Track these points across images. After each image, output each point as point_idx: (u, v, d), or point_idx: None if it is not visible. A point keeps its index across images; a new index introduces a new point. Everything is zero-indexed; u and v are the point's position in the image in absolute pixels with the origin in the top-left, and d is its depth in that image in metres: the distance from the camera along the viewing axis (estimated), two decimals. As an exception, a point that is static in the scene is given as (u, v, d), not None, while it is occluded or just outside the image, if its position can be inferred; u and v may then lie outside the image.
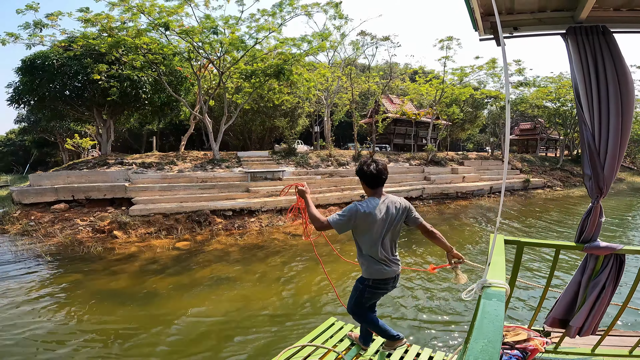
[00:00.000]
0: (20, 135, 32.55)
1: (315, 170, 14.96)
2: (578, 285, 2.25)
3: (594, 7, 2.03)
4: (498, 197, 17.15)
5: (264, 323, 4.61)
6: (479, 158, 23.06)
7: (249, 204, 11.18)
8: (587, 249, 2.16)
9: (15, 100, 13.40)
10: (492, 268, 1.71)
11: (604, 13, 2.15)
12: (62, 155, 28.52)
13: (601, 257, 2.16)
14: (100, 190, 10.90)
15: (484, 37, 2.37)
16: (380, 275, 2.52)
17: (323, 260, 6.05)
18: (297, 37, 13.98)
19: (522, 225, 11.09)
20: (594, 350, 2.44)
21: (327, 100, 20.99)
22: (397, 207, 2.52)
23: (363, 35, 21.86)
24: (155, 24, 10.91)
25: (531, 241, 2.45)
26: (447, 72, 21.03)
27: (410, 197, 14.73)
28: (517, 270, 2.38)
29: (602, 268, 2.16)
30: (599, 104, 1.96)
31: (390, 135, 28.64)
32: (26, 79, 12.69)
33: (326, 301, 5.22)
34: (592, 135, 2.00)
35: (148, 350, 4.00)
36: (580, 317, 2.20)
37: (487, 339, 1.10)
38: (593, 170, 2.03)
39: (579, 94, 2.03)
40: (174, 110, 16.37)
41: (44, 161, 32.62)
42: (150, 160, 13.28)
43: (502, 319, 1.24)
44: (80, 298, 5.36)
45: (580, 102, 2.03)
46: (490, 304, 1.38)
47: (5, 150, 37.03)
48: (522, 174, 22.58)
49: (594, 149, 2.00)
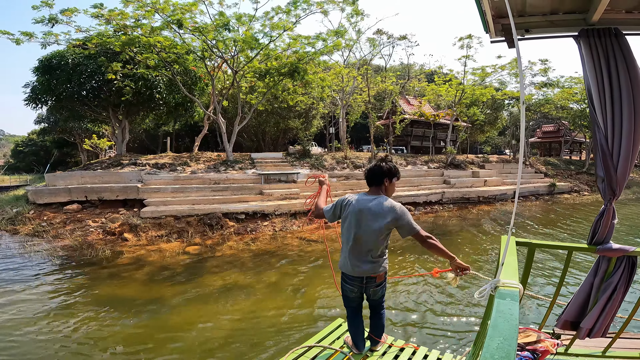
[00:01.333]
0: (41, 135, 33.30)
1: (330, 172, 14.51)
2: (590, 287, 2.24)
3: (606, 9, 2.03)
4: (522, 202, 16.31)
5: (274, 336, 4.19)
6: (500, 161, 22.16)
7: (262, 207, 10.82)
8: (600, 251, 2.16)
9: (33, 100, 13.47)
10: (505, 268, 1.71)
11: (616, 15, 2.12)
12: (81, 155, 29.02)
13: (614, 259, 2.15)
14: (112, 191, 10.75)
15: (495, 39, 2.38)
16: (346, 270, 2.55)
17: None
18: (311, 35, 13.60)
19: (550, 230, 10.34)
20: (605, 352, 2.43)
21: (343, 101, 20.52)
22: (380, 213, 2.40)
23: (379, 33, 21.32)
24: (169, 21, 10.70)
25: (543, 243, 2.45)
26: (467, 71, 20.27)
27: (429, 202, 14.10)
28: (528, 271, 2.38)
29: (614, 270, 2.15)
30: (611, 106, 1.96)
31: (407, 137, 27.90)
32: (43, 78, 12.74)
33: (342, 314, 4.75)
34: (605, 137, 2.00)
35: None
36: (591, 318, 2.19)
37: (502, 337, 1.10)
38: (606, 172, 2.03)
39: (591, 96, 2.03)
40: (188, 110, 16.24)
41: (64, 161, 33.30)
42: (164, 161, 13.11)
43: (516, 318, 1.23)
44: (80, 306, 5.06)
45: (593, 104, 2.02)
46: (504, 303, 1.37)
47: (27, 151, 38.06)
48: (547, 178, 21.58)
49: (607, 151, 2.00)
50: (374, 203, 2.44)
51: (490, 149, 47.54)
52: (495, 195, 16.16)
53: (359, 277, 2.52)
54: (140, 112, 16.17)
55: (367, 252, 2.46)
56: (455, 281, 2.50)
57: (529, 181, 20.10)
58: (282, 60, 13.76)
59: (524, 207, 15.02)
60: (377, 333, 2.82)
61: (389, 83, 20.21)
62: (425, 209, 13.49)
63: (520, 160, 1.52)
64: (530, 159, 25.04)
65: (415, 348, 2.98)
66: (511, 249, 2.04)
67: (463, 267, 2.44)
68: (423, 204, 13.90)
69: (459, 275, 2.47)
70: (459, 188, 15.68)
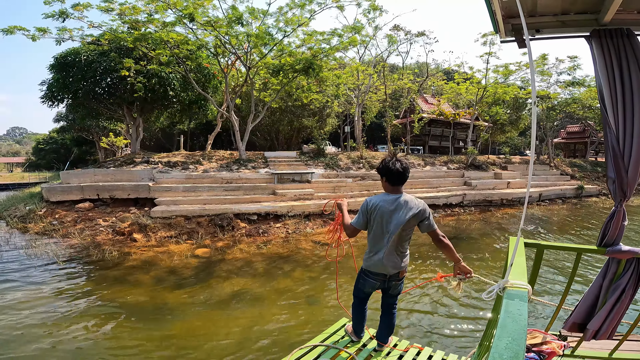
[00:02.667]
0: (61, 133, 33.99)
1: (346, 172, 14.01)
2: (599, 289, 2.23)
3: (619, 10, 2.01)
4: (549, 205, 15.41)
5: (286, 349, 3.75)
6: (523, 162, 21.16)
7: (275, 208, 10.42)
8: (609, 253, 2.15)
9: (49, 98, 13.49)
10: (514, 269, 1.72)
11: (628, 16, 2.10)
12: (99, 153, 29.43)
13: (623, 261, 2.13)
14: (124, 189, 10.56)
15: (505, 39, 2.37)
16: (373, 268, 2.59)
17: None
18: (327, 31, 13.12)
19: (585, 232, 9.56)
20: (612, 354, 2.42)
21: (358, 99, 19.97)
22: (410, 208, 2.49)
23: (396, 30, 20.67)
24: (181, 15, 10.44)
25: (551, 244, 2.46)
26: (490, 69, 19.38)
27: (450, 204, 13.43)
28: (536, 273, 2.37)
29: (623, 272, 2.14)
30: (623, 107, 1.95)
31: (425, 137, 27.03)
32: (58, 76, 12.71)
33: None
34: (617, 138, 1.98)
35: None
36: (598, 320, 2.18)
37: (511, 337, 1.08)
38: (617, 173, 2.02)
39: (603, 96, 2.01)
40: (202, 108, 16.03)
41: (83, 159, 33.92)
42: (176, 159, 12.90)
43: (525, 318, 1.22)
44: (80, 313, 4.75)
45: (604, 105, 2.01)
46: (513, 304, 1.35)
47: (48, 148, 39.00)
48: (574, 180, 20.47)
49: (618, 152, 1.99)
50: (403, 199, 2.51)
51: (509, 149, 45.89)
52: (520, 197, 15.32)
53: (386, 274, 2.58)
54: (155, 110, 16.06)
55: (397, 248, 2.55)
56: (458, 287, 2.51)
57: (555, 183, 19.07)
58: (297, 56, 13.36)
59: (551, 211, 14.17)
60: (387, 333, 2.86)
61: (406, 80, 19.52)
62: (446, 212, 12.84)
63: (532, 161, 1.48)
64: (555, 160, 23.89)
65: (419, 349, 2.97)
66: (520, 250, 2.03)
67: (466, 271, 2.46)
68: (443, 206, 13.25)
69: (463, 279, 2.48)
70: (480, 190, 14.92)
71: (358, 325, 2.90)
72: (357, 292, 2.81)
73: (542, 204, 15.70)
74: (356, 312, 2.87)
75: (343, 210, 2.81)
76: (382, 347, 2.86)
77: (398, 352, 2.86)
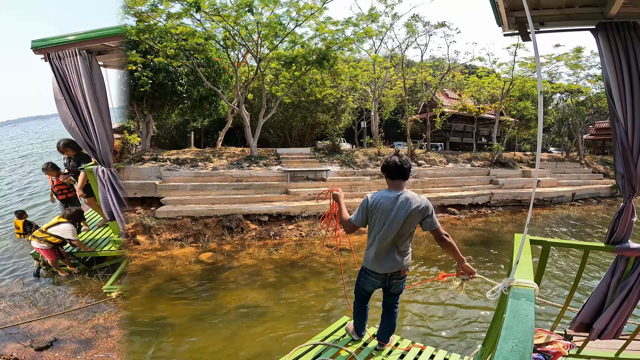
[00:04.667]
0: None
1: (363, 170, 13.19)
2: (607, 288, 2.17)
3: (625, 3, 1.97)
4: (584, 206, 14.20)
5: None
6: (552, 159, 19.86)
7: (288, 209, 9.73)
8: (618, 250, 2.11)
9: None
10: (520, 267, 1.64)
11: (635, 9, 2.05)
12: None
13: (632, 259, 2.08)
14: (130, 187, 10.06)
15: (508, 32, 2.37)
16: (372, 267, 2.54)
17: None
18: (340, 20, 12.28)
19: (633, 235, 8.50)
20: (618, 354, 2.36)
21: (375, 94, 19.06)
22: (411, 205, 2.41)
23: (415, 20, 19.60)
24: (186, 6, 9.86)
25: (558, 241, 2.44)
26: (517, 61, 18.12)
27: (476, 204, 12.45)
28: (542, 271, 2.33)
29: (631, 270, 2.07)
30: (631, 100, 1.91)
31: (446, 133, 25.79)
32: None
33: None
34: (625, 132, 1.94)
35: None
36: (604, 319, 2.13)
37: (517, 339, 1.03)
38: (626, 168, 1.97)
39: (610, 90, 1.96)
40: (213, 104, 15.51)
41: (97, 157, 34.15)
42: (185, 156, 12.39)
43: (532, 319, 1.16)
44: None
45: (612, 99, 1.97)
46: (519, 304, 1.30)
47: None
48: (607, 179, 19.03)
49: (627, 146, 1.94)
50: (404, 196, 2.45)
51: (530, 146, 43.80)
52: (552, 197, 14.17)
53: (385, 273, 2.53)
54: (165, 107, 15.63)
55: (398, 246, 2.48)
56: (460, 288, 2.45)
57: (587, 182, 17.75)
58: (310, 47, 12.61)
59: (586, 212, 13.00)
60: (388, 332, 2.82)
61: (426, 74, 18.51)
62: (472, 212, 11.87)
63: (538, 158, 1.46)
64: (586, 158, 22.40)
65: (421, 348, 2.91)
66: (526, 247, 1.97)
67: (470, 271, 2.42)
68: (469, 206, 12.28)
69: (466, 279, 2.43)
70: (508, 189, 13.84)
71: (359, 324, 2.88)
72: (358, 291, 2.77)
73: (576, 203, 14.49)
74: (357, 311, 2.84)
75: (340, 202, 2.71)
76: (383, 346, 2.82)
77: (399, 351, 2.81)
